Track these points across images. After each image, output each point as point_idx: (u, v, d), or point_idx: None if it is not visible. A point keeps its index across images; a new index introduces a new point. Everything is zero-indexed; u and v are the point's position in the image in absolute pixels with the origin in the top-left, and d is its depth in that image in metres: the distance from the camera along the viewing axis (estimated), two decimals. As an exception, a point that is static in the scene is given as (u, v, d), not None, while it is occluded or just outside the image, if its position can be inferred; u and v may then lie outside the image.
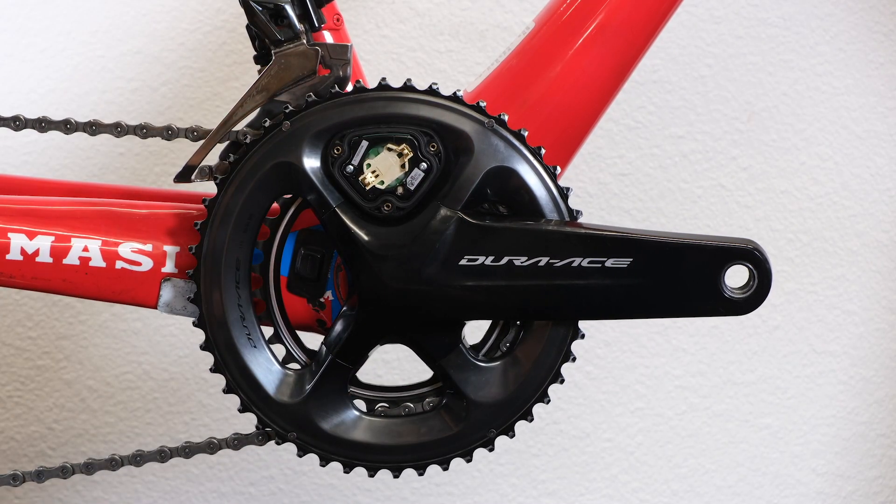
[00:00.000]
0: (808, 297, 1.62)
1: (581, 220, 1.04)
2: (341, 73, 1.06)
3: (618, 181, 1.59)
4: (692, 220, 1.59)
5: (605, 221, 1.58)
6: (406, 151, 1.03)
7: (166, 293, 1.07)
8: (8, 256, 1.06)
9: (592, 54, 1.10)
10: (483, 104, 1.03)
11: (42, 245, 1.06)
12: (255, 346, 1.05)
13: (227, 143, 1.07)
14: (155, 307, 1.07)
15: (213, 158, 1.07)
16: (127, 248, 1.06)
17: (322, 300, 1.08)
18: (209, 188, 1.05)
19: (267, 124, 1.03)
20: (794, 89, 1.59)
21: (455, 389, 1.05)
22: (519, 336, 1.06)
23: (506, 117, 1.03)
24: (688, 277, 1.04)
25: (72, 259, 1.06)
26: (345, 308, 1.05)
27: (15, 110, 1.16)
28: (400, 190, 1.03)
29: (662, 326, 1.62)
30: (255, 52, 1.09)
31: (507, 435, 1.07)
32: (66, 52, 1.54)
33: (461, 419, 1.06)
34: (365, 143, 1.02)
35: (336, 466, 1.06)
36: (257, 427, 1.06)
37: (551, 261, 1.02)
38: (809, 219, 1.60)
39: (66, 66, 1.54)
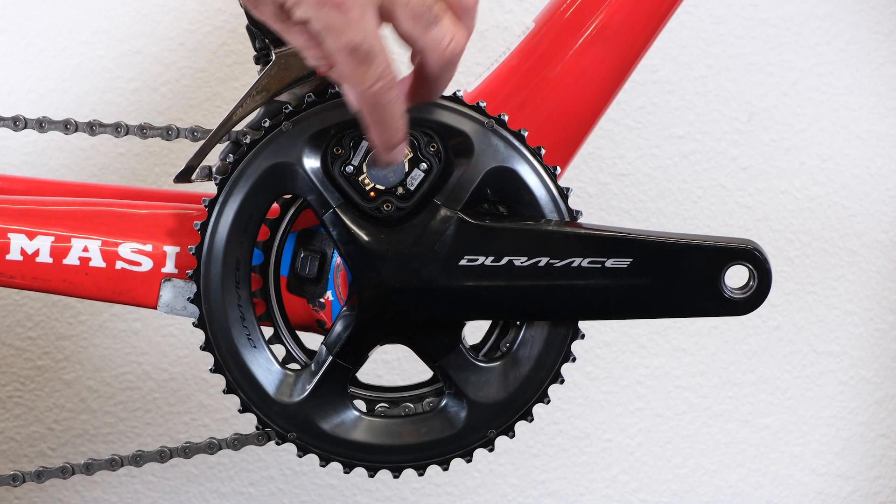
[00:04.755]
0: (808, 297, 1.62)
1: (581, 220, 1.04)
2: (341, 73, 1.06)
3: (618, 181, 1.59)
4: (692, 220, 1.59)
5: (605, 221, 1.58)
6: (406, 151, 1.03)
7: (166, 293, 1.07)
8: (8, 256, 1.06)
9: (592, 54, 1.10)
10: (483, 104, 1.03)
11: (42, 245, 1.06)
12: (255, 347, 1.05)
13: (227, 143, 1.07)
14: (155, 307, 1.07)
15: (213, 158, 1.07)
16: (127, 249, 1.06)
17: (322, 301, 1.08)
18: (209, 188, 1.06)
19: (267, 124, 1.03)
20: (794, 89, 1.59)
21: (455, 389, 1.05)
22: (519, 336, 1.06)
23: (506, 117, 1.03)
24: (688, 278, 1.03)
25: (72, 259, 1.06)
26: (344, 308, 1.05)
27: (15, 110, 1.16)
28: (400, 190, 1.03)
29: (662, 326, 1.62)
30: (255, 52, 1.09)
31: (507, 435, 1.07)
32: (66, 52, 1.54)
33: (461, 419, 1.06)
34: (365, 143, 1.02)
35: (336, 466, 1.06)
36: (257, 427, 1.06)
37: (551, 261, 1.02)
38: (809, 219, 1.60)
39: (66, 66, 1.54)
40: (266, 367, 1.05)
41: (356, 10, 0.90)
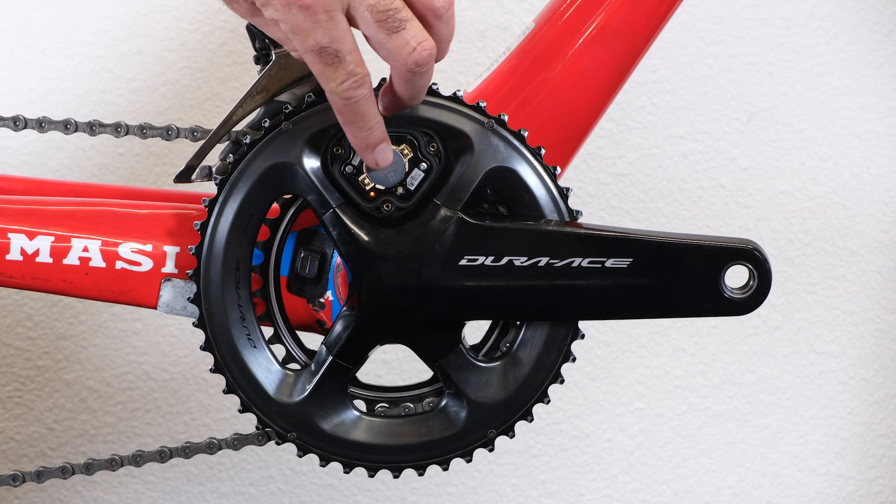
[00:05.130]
0: (808, 297, 1.62)
1: (581, 220, 1.04)
2: (341, 73, 1.06)
3: (618, 181, 1.59)
4: (692, 220, 1.59)
5: (605, 221, 1.58)
6: (406, 151, 1.03)
7: (166, 293, 1.07)
8: (8, 256, 1.06)
9: (592, 54, 1.10)
10: (483, 104, 1.03)
11: (42, 245, 1.06)
12: (255, 347, 1.05)
13: (227, 143, 1.07)
14: (155, 307, 1.07)
15: (213, 158, 1.07)
16: (127, 249, 1.06)
17: (322, 300, 1.08)
18: (209, 188, 1.06)
19: (267, 124, 1.03)
20: (794, 89, 1.59)
21: (455, 389, 1.05)
22: (519, 336, 1.06)
23: (506, 117, 1.03)
24: (688, 277, 1.04)
25: (72, 259, 1.06)
26: (344, 308, 1.06)
27: (15, 110, 1.16)
28: (400, 190, 1.03)
29: (662, 326, 1.62)
30: (255, 52, 1.09)
31: (507, 435, 1.07)
32: (66, 52, 1.54)
33: (461, 419, 1.06)
34: (365, 144, 1.02)
35: (336, 466, 1.06)
36: (257, 427, 1.06)
37: (551, 261, 1.02)
38: (809, 219, 1.60)
39: (66, 66, 1.54)
40: (266, 367, 1.05)
41: (323, 13, 0.90)
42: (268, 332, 1.07)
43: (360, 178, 1.03)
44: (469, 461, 1.07)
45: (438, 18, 0.94)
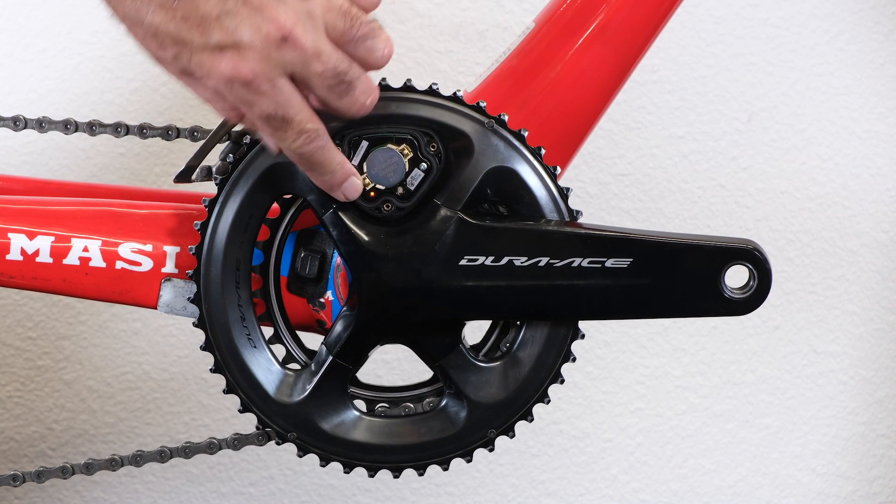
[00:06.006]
0: (808, 297, 1.62)
1: (581, 220, 1.04)
2: (341, 73, 1.06)
3: (618, 181, 1.59)
4: (692, 220, 1.59)
5: (605, 221, 1.58)
6: (406, 151, 1.03)
7: (166, 293, 1.07)
8: (8, 256, 1.06)
9: (593, 54, 1.10)
10: (483, 104, 1.03)
11: (42, 245, 1.06)
12: (255, 347, 1.05)
13: (227, 143, 1.07)
14: (155, 307, 1.07)
15: (213, 158, 1.07)
16: (127, 249, 1.06)
17: (322, 300, 1.08)
18: (209, 188, 1.06)
19: (267, 124, 1.03)
20: (794, 89, 1.59)
21: (455, 389, 1.05)
22: (519, 336, 1.06)
23: (506, 117, 1.03)
24: (688, 277, 1.04)
25: (72, 259, 1.06)
26: (345, 308, 1.06)
27: (15, 110, 1.16)
28: (400, 190, 1.03)
29: (662, 326, 1.62)
30: (255, 53, 1.09)
31: (507, 435, 1.07)
32: (66, 52, 1.54)
33: (461, 419, 1.06)
34: (365, 143, 1.02)
35: (336, 466, 1.06)
36: (257, 427, 1.06)
37: (551, 261, 1.02)
38: (809, 219, 1.60)
39: (66, 66, 1.54)
40: (266, 367, 1.05)
41: (265, 84, 0.92)
42: (268, 332, 1.07)
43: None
44: (469, 461, 1.07)
45: (377, 69, 0.97)
